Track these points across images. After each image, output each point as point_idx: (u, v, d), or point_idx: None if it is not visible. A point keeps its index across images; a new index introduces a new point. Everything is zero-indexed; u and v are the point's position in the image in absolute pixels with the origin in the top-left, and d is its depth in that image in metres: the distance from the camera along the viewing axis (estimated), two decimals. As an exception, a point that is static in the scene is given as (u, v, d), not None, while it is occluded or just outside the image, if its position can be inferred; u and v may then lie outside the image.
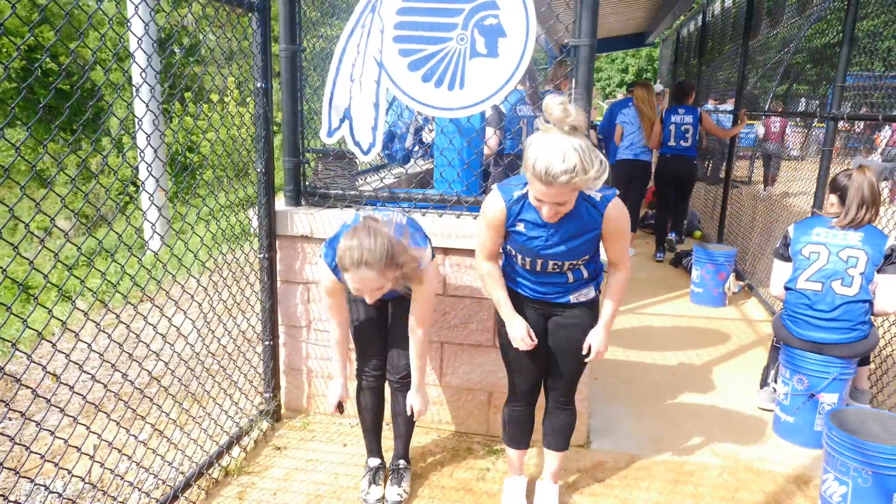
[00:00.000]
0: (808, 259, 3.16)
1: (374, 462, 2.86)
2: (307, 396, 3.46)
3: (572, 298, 2.40)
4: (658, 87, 12.42)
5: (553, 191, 2.00)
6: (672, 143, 6.51)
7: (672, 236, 7.09)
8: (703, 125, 6.56)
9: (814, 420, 3.17)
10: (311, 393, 3.45)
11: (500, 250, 2.43)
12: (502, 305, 2.42)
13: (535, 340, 2.40)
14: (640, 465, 3.07)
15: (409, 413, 2.68)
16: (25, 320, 1.70)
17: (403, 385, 2.74)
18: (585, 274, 2.37)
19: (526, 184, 2.16)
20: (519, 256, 2.33)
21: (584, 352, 2.42)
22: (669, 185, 6.81)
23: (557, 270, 2.32)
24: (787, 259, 3.28)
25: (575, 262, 2.29)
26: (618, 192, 2.26)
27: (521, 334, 2.38)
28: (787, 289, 3.27)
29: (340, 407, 2.71)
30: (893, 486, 2.42)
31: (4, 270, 1.65)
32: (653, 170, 6.98)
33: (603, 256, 2.41)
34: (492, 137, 3.96)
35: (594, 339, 2.42)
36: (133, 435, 2.33)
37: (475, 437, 3.27)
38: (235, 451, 3.02)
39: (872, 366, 3.62)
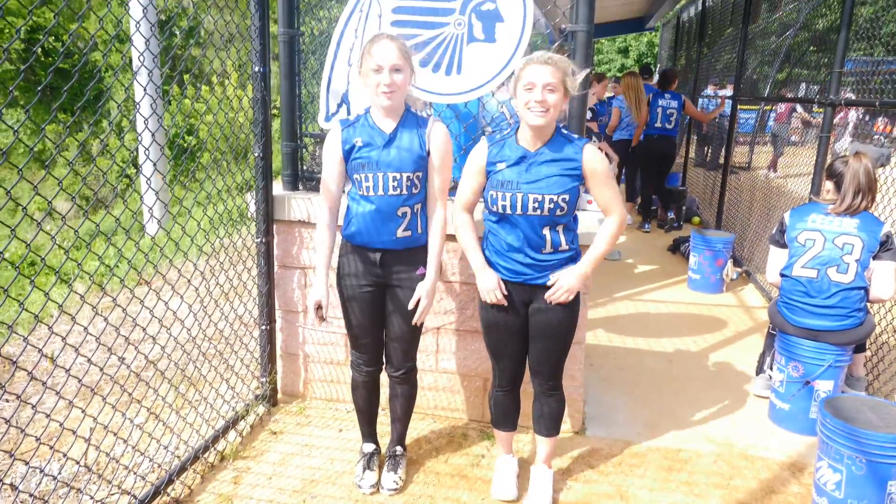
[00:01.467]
0: (803, 246, 3.15)
1: (369, 448, 2.87)
2: (304, 381, 3.46)
3: (551, 278, 2.41)
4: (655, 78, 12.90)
5: (544, 70, 2.20)
6: (658, 124, 7.11)
7: (670, 215, 7.61)
8: (685, 110, 7.18)
9: (809, 407, 3.19)
10: (308, 378, 3.45)
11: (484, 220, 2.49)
12: (473, 255, 2.46)
13: (505, 294, 2.43)
14: (635, 451, 3.08)
15: (410, 308, 2.56)
16: (22, 303, 1.69)
17: (404, 379, 2.73)
18: (563, 242, 2.37)
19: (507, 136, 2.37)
20: (500, 205, 2.33)
21: (549, 283, 2.41)
22: (654, 163, 7.37)
23: (539, 213, 2.30)
24: (783, 245, 3.27)
25: (555, 201, 2.28)
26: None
27: (491, 285, 2.42)
28: (782, 275, 3.27)
29: (320, 311, 2.58)
30: (887, 473, 2.43)
31: (2, 253, 1.64)
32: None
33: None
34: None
35: (565, 274, 2.38)
36: (129, 419, 2.34)
37: (471, 424, 3.28)
38: (231, 435, 3.03)
39: (868, 353, 3.63)
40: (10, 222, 1.72)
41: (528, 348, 2.56)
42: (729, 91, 7.62)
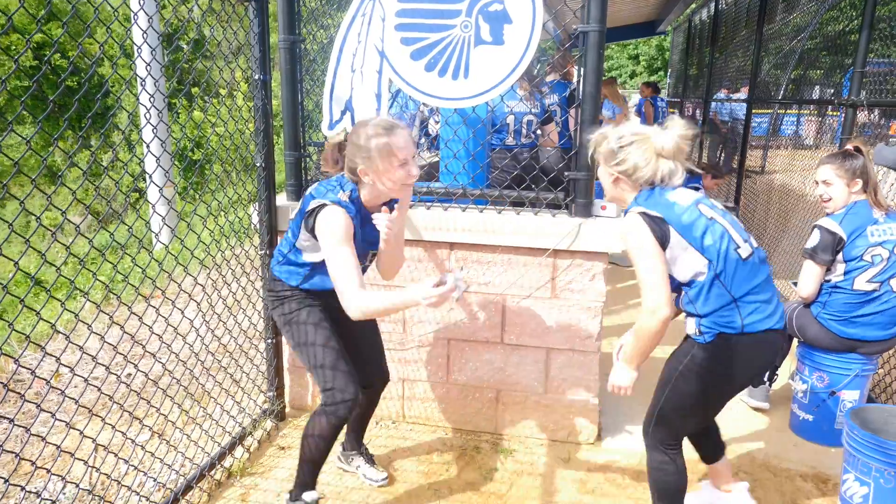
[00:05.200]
0: (871, 262, 2.92)
1: (312, 497, 2.55)
2: (312, 394, 3.39)
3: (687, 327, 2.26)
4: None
5: None
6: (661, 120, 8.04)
7: None
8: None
9: (834, 418, 3.07)
10: (317, 390, 3.38)
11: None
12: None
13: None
14: (654, 464, 2.98)
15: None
16: (11, 323, 1.63)
17: (383, 387, 2.80)
18: (688, 308, 2.20)
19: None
20: None
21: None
22: None
23: None
24: (828, 263, 3.01)
25: None
26: (638, 209, 2.09)
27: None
28: (835, 288, 3.02)
29: (446, 293, 1.97)
30: (918, 487, 2.32)
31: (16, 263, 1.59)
32: None
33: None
34: (552, 131, 4.04)
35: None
36: (131, 439, 2.27)
37: (483, 436, 3.20)
38: (238, 451, 2.96)
39: (886, 354, 3.48)
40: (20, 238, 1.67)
41: None
42: (742, 94, 7.52)
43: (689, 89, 10.84)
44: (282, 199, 3.19)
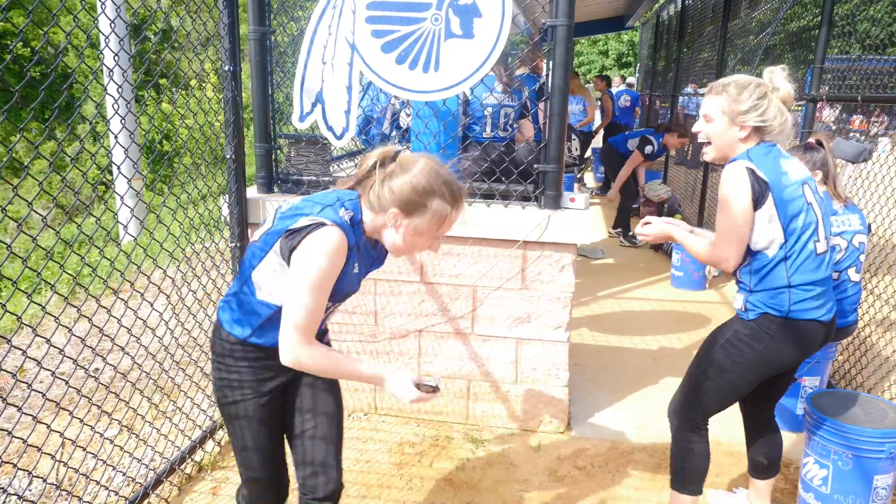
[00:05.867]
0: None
1: None
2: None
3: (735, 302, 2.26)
4: (631, 80, 16.55)
5: None
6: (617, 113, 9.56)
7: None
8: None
9: (795, 403, 3.16)
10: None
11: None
12: None
13: None
14: (622, 451, 3.05)
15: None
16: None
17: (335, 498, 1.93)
18: (744, 278, 2.19)
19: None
20: None
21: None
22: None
23: None
24: None
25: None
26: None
27: None
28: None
29: (424, 387, 1.71)
30: (873, 468, 2.41)
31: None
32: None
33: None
34: (526, 125, 4.01)
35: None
36: (99, 433, 2.25)
37: (455, 426, 3.23)
38: (209, 445, 2.95)
39: (845, 341, 3.59)
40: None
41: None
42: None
43: (658, 84, 10.97)
44: (252, 191, 3.17)
